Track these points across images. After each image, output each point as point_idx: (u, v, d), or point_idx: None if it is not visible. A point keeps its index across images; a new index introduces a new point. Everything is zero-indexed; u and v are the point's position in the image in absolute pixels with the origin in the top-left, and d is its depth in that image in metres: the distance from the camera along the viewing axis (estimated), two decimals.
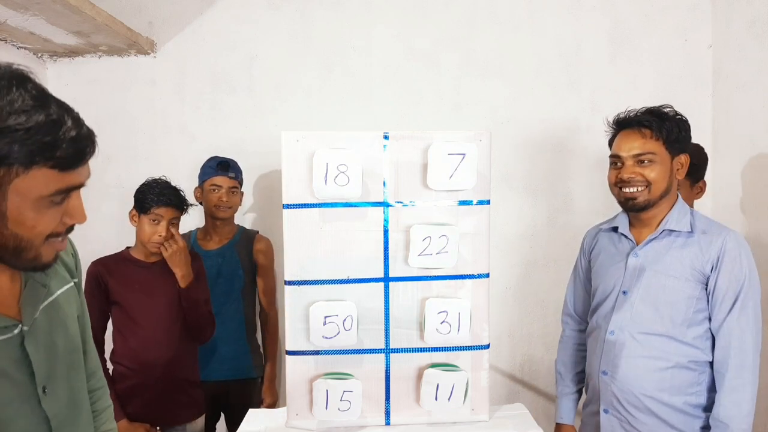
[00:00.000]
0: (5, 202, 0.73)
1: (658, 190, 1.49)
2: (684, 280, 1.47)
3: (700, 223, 1.52)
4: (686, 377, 1.48)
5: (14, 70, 0.74)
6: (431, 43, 2.53)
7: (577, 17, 2.52)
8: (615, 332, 1.54)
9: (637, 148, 1.49)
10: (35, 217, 0.76)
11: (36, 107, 0.73)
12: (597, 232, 1.72)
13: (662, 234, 1.52)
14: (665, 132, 1.48)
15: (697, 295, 1.47)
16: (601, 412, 1.58)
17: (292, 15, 2.54)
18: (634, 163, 1.50)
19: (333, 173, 1.38)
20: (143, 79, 2.54)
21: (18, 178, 0.73)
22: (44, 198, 0.76)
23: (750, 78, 2.21)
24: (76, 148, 0.77)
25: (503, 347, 2.58)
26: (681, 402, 1.48)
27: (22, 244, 0.77)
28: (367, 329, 1.44)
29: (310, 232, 1.41)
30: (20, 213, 0.75)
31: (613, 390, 1.54)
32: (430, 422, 1.47)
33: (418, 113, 2.53)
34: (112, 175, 2.52)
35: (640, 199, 1.50)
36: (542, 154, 2.54)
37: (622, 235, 1.61)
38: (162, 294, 1.91)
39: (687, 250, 1.49)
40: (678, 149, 1.51)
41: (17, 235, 0.76)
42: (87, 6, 2.04)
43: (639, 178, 1.49)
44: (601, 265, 1.64)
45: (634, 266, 1.54)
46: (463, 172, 1.39)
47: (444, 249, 1.41)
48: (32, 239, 0.78)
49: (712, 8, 2.47)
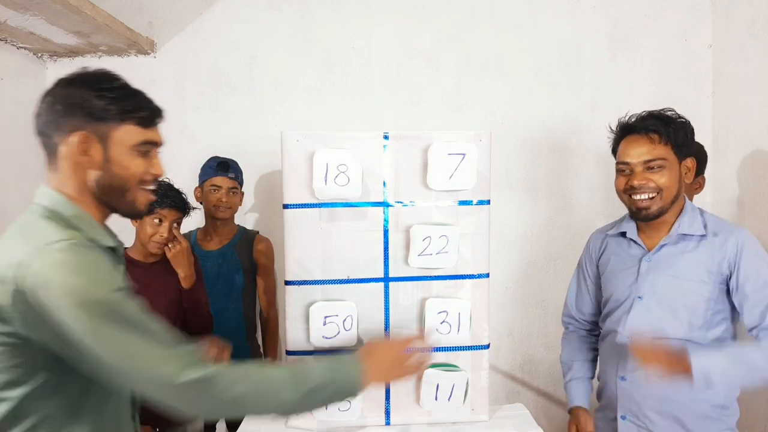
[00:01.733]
0: (109, 150, 1.01)
1: (669, 196, 1.46)
2: (701, 283, 1.45)
3: (711, 224, 1.49)
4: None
5: (100, 69, 1.05)
6: (431, 43, 2.53)
7: (577, 17, 2.52)
8: (633, 338, 1.49)
9: (647, 154, 1.45)
10: (129, 161, 1.03)
11: (121, 85, 1.04)
12: (604, 238, 1.67)
13: (675, 238, 1.50)
14: (673, 136, 1.45)
15: (715, 297, 1.45)
16: (619, 418, 1.55)
17: (293, 15, 2.54)
18: (643, 170, 1.46)
19: (333, 173, 1.38)
20: (143, 79, 2.52)
21: (115, 131, 1.01)
22: (134, 147, 1.03)
23: (750, 78, 2.21)
24: (150, 110, 1.06)
25: (503, 347, 2.58)
26: (704, 404, 1.45)
27: (124, 185, 1.03)
28: (367, 329, 1.44)
29: (310, 232, 1.41)
30: (119, 157, 1.02)
31: (633, 395, 1.51)
32: (430, 422, 1.47)
33: (418, 113, 2.53)
34: None
35: (653, 209, 1.46)
36: (542, 154, 2.54)
37: (631, 240, 1.58)
38: (161, 294, 1.91)
39: (701, 252, 1.47)
40: (685, 153, 1.48)
41: (120, 175, 1.03)
42: (87, 6, 2.04)
43: (650, 184, 1.45)
44: (612, 271, 1.61)
45: (647, 271, 1.52)
46: (463, 172, 1.39)
47: (444, 249, 1.41)
48: (129, 180, 1.04)
49: (712, 8, 2.47)
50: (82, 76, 1.03)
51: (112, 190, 1.03)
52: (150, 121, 1.06)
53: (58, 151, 1.01)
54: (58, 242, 0.92)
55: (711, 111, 2.49)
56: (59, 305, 0.88)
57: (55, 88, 1.02)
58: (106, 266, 0.97)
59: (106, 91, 1.01)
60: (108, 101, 1.01)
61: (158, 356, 0.94)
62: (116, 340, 0.91)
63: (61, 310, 0.88)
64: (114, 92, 1.02)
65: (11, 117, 2.35)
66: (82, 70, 1.05)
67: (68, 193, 1.02)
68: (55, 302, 0.88)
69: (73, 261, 0.91)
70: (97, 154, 1.01)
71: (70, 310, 0.88)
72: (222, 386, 0.96)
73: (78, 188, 1.02)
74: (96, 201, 1.04)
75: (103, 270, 0.95)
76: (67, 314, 0.88)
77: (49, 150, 1.03)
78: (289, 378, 1.03)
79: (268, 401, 1.02)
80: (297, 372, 1.05)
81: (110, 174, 1.02)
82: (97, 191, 1.03)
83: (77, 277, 0.90)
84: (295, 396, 1.02)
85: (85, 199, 1.03)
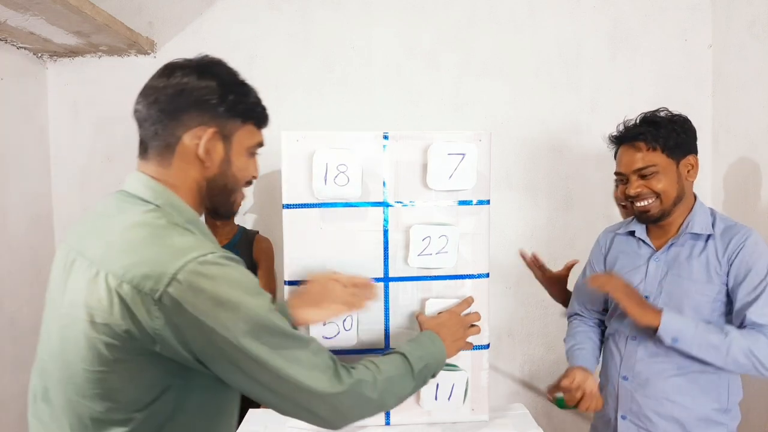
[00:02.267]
0: (231, 149, 0.97)
1: (669, 199, 1.47)
2: (706, 283, 1.45)
3: (720, 224, 1.49)
4: (709, 380, 1.46)
5: (219, 59, 1.01)
6: (431, 43, 2.53)
7: (577, 17, 2.52)
8: (638, 337, 1.52)
9: (637, 163, 1.47)
10: (246, 162, 1.00)
11: (242, 81, 1.00)
12: (613, 236, 1.68)
13: (683, 238, 1.50)
14: (661, 140, 1.45)
15: (721, 298, 1.45)
16: (619, 418, 1.56)
17: (292, 15, 2.54)
18: (637, 178, 1.48)
19: (333, 173, 1.38)
20: (143, 79, 2.52)
21: (238, 131, 0.98)
22: (249, 148, 1.00)
23: (750, 78, 2.21)
24: (264, 109, 1.03)
25: (503, 347, 2.58)
26: (706, 407, 1.46)
27: (235, 186, 1.00)
28: (367, 329, 1.43)
29: (310, 232, 1.41)
30: (238, 158, 0.98)
31: (635, 395, 1.52)
32: (430, 422, 1.47)
33: (418, 113, 2.53)
34: (112, 175, 2.52)
35: (653, 211, 1.48)
36: (542, 154, 2.54)
37: (639, 240, 1.58)
38: None
39: (707, 252, 1.47)
40: (681, 152, 1.48)
41: (235, 176, 0.98)
42: (87, 6, 2.04)
43: (646, 191, 1.47)
44: (620, 269, 1.60)
45: (655, 271, 1.53)
46: (463, 172, 1.39)
47: (444, 249, 1.41)
48: (239, 182, 1.00)
49: (712, 8, 2.47)
50: (212, 68, 0.97)
51: (223, 191, 0.98)
52: (265, 121, 1.03)
53: (177, 145, 0.93)
54: (205, 255, 0.84)
55: (711, 111, 2.49)
56: (222, 326, 0.82)
57: (181, 77, 0.95)
58: (254, 279, 0.90)
59: (234, 87, 0.97)
60: (235, 98, 0.96)
61: (317, 366, 0.91)
62: (280, 357, 0.87)
63: (226, 331, 0.82)
64: (239, 89, 0.97)
65: (11, 117, 2.35)
66: (208, 60, 0.99)
67: (180, 190, 0.95)
68: (214, 322, 0.82)
69: (230, 276, 0.85)
70: (220, 152, 0.95)
71: (237, 336, 0.83)
72: (368, 387, 0.97)
73: (189, 186, 0.95)
74: (200, 199, 0.98)
75: (254, 282, 0.89)
76: (230, 335, 0.83)
77: (158, 142, 0.94)
78: (402, 366, 1.07)
79: (403, 390, 1.06)
80: (402, 360, 1.09)
81: (226, 174, 0.97)
82: (206, 190, 0.97)
83: (238, 295, 0.84)
84: (413, 382, 1.08)
85: (193, 197, 0.96)
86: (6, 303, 2.30)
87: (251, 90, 1.01)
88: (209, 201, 0.99)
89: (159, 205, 0.92)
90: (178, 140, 0.93)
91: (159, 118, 0.93)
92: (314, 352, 0.92)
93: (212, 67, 0.97)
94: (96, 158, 2.55)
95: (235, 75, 0.99)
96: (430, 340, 1.19)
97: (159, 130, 0.93)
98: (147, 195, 0.93)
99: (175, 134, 0.93)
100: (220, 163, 0.96)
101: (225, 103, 0.94)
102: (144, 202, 0.92)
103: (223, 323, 0.82)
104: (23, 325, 2.38)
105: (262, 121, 1.03)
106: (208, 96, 0.93)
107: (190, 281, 0.81)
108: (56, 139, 2.56)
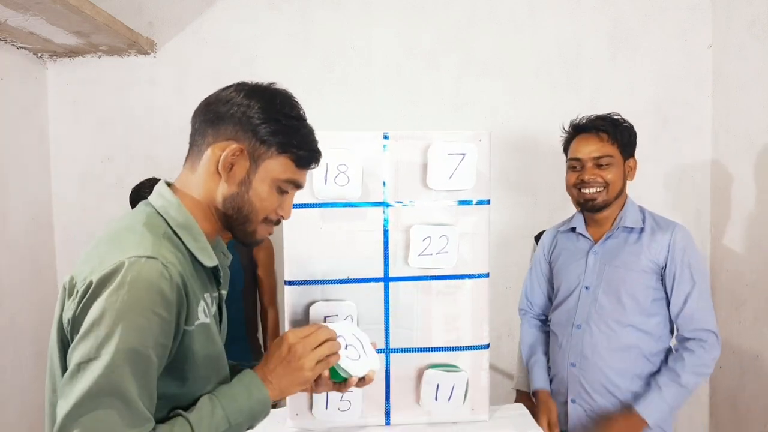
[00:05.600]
0: (255, 174, 0.96)
1: (614, 191, 1.61)
2: (641, 272, 1.59)
3: (650, 219, 1.65)
4: (646, 364, 1.61)
5: (285, 90, 1.01)
6: (431, 43, 2.53)
7: (577, 17, 2.52)
8: (582, 326, 1.65)
9: (597, 151, 1.61)
10: (267, 193, 0.97)
11: (299, 117, 1.00)
12: (555, 234, 1.82)
13: (618, 231, 1.64)
14: (620, 136, 1.61)
15: (653, 286, 1.60)
16: (569, 402, 1.67)
17: (293, 15, 2.54)
18: (593, 166, 1.61)
19: (333, 173, 1.38)
20: (143, 79, 2.54)
21: (270, 159, 0.96)
22: (277, 181, 0.98)
23: (750, 78, 2.21)
24: (312, 153, 1.01)
25: (503, 347, 2.58)
26: (638, 386, 1.61)
27: (251, 213, 0.97)
28: (367, 329, 1.43)
29: (310, 232, 1.41)
30: (260, 185, 0.97)
31: (581, 380, 1.65)
32: (430, 422, 1.48)
33: (418, 113, 2.53)
34: (112, 175, 2.52)
35: (599, 200, 1.61)
36: (542, 154, 2.54)
37: (579, 235, 1.71)
38: None
39: (641, 244, 1.61)
40: (628, 153, 1.65)
41: (251, 202, 0.97)
42: (87, 6, 2.04)
43: (598, 179, 1.60)
44: (563, 264, 1.74)
45: (594, 263, 1.66)
46: (463, 172, 1.39)
47: (444, 249, 1.41)
48: (258, 212, 0.98)
49: (712, 8, 2.47)
50: (267, 92, 0.98)
51: (238, 214, 0.97)
52: (307, 163, 1.01)
53: (205, 153, 0.96)
54: (140, 257, 0.83)
55: (711, 111, 2.49)
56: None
57: (234, 91, 0.97)
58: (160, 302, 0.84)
59: (283, 117, 0.96)
60: (279, 127, 0.95)
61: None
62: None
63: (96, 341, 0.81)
64: (289, 121, 0.97)
65: (11, 117, 2.35)
66: (269, 86, 1.00)
67: (194, 197, 0.96)
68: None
69: (134, 285, 0.82)
70: (242, 171, 0.95)
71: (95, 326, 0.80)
72: None
73: (204, 196, 0.96)
74: (211, 213, 0.98)
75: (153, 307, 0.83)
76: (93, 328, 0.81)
77: (194, 148, 0.98)
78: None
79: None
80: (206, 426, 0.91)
81: (243, 196, 0.96)
82: (222, 207, 0.97)
83: (121, 302, 0.81)
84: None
85: (202, 209, 0.97)
86: (6, 303, 2.30)
87: (305, 129, 1.00)
88: (225, 221, 0.99)
89: (158, 209, 0.95)
90: (207, 147, 0.96)
91: (201, 126, 0.98)
92: (127, 426, 0.80)
93: (266, 92, 0.98)
94: (96, 158, 2.55)
95: (293, 108, 0.99)
96: (246, 394, 0.97)
97: (197, 136, 0.98)
98: (154, 200, 0.97)
99: (206, 141, 0.96)
100: (240, 183, 0.96)
101: (264, 126, 0.95)
102: (151, 207, 0.96)
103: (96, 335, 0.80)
104: (23, 325, 2.38)
105: (303, 162, 1.00)
106: (248, 114, 0.95)
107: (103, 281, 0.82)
108: (56, 139, 2.56)
